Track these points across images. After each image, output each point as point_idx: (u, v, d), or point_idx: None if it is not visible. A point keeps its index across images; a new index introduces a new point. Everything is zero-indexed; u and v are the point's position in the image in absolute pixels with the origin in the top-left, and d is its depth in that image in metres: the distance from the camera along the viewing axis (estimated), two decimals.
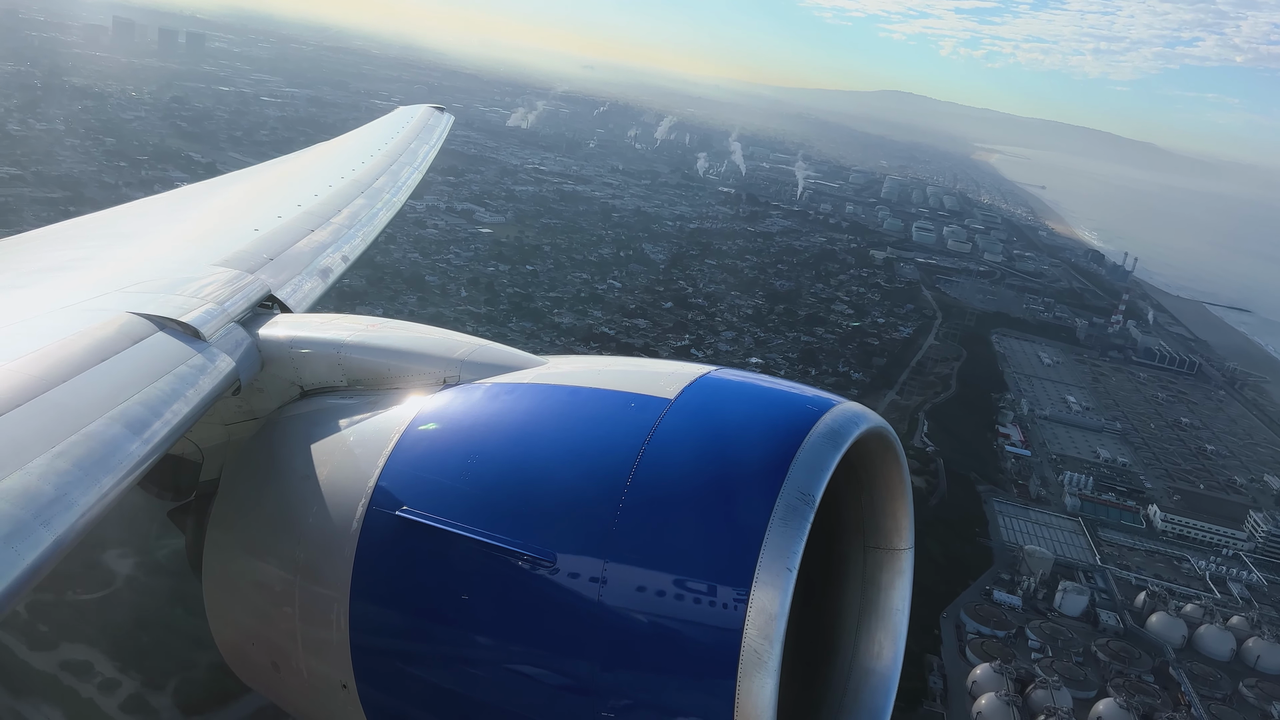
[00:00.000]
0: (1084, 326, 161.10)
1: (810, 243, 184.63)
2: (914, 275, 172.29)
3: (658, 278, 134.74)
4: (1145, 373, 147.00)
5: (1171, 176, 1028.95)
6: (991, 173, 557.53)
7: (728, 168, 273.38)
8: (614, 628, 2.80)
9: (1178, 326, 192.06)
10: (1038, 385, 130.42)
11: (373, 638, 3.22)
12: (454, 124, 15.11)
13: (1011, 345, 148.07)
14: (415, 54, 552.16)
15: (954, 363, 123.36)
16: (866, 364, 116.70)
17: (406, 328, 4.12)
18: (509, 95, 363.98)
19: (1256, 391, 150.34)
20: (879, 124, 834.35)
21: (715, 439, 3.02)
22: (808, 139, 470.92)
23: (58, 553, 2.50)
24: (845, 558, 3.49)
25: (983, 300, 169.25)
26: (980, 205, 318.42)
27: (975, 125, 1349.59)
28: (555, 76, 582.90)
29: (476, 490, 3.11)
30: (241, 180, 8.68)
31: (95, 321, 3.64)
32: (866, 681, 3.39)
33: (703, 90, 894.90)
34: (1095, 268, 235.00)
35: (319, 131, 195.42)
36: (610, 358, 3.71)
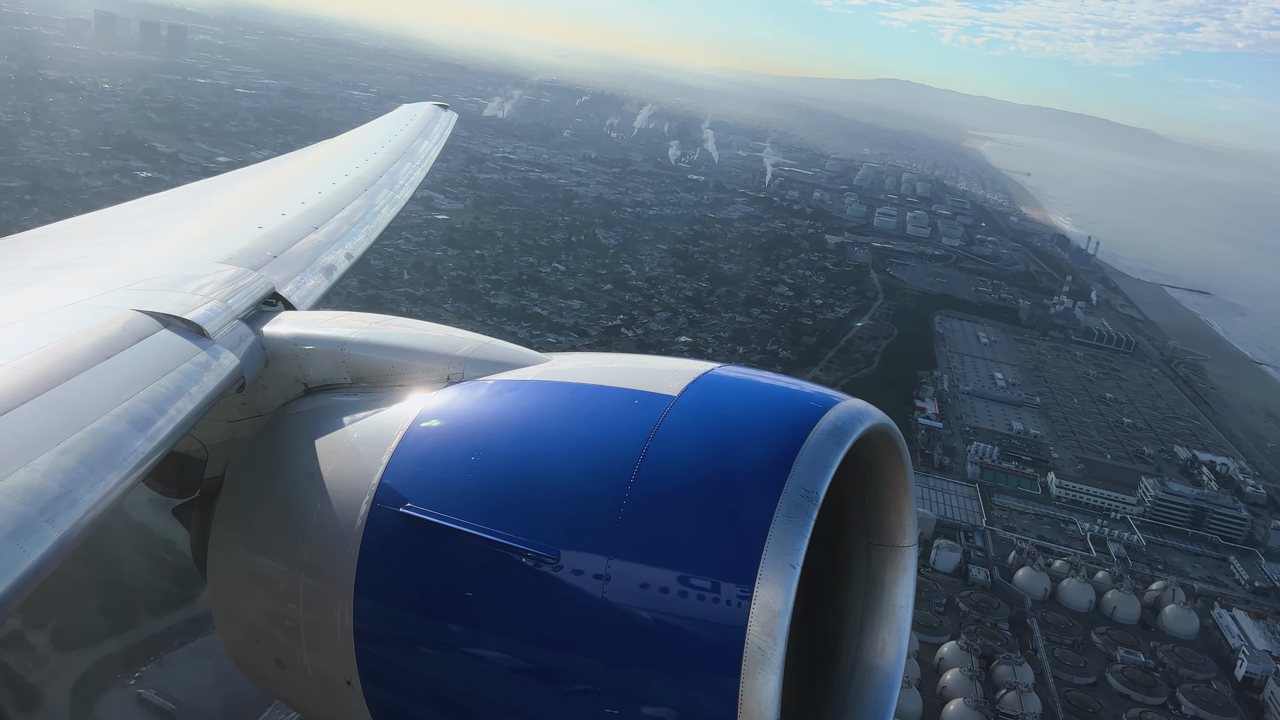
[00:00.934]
0: (1026, 307, 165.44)
1: (768, 228, 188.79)
2: (866, 259, 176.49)
3: (604, 262, 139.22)
4: (1083, 351, 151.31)
5: (1167, 163, 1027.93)
6: (978, 160, 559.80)
7: (700, 156, 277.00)
8: (617, 625, 2.82)
9: (1130, 308, 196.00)
10: (969, 363, 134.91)
11: (377, 634, 3.27)
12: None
13: (953, 325, 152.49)
14: (404, 45, 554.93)
15: (883, 341, 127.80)
16: (796, 343, 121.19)
17: (410, 325, 4.20)
18: (493, 85, 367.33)
19: (1191, 369, 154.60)
20: (873, 112, 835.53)
21: (718, 436, 3.04)
22: (793, 128, 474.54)
23: (63, 549, 2.50)
24: (849, 555, 3.54)
25: (932, 283, 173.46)
26: (954, 192, 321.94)
27: (972, 113, 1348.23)
28: (545, 67, 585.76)
29: (480, 487, 3.14)
30: (245, 178, 8.79)
31: (100, 319, 3.67)
32: (870, 679, 3.43)
33: (696, 80, 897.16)
34: (1058, 252, 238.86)
35: (289, 122, 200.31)
36: (614, 354, 3.77)
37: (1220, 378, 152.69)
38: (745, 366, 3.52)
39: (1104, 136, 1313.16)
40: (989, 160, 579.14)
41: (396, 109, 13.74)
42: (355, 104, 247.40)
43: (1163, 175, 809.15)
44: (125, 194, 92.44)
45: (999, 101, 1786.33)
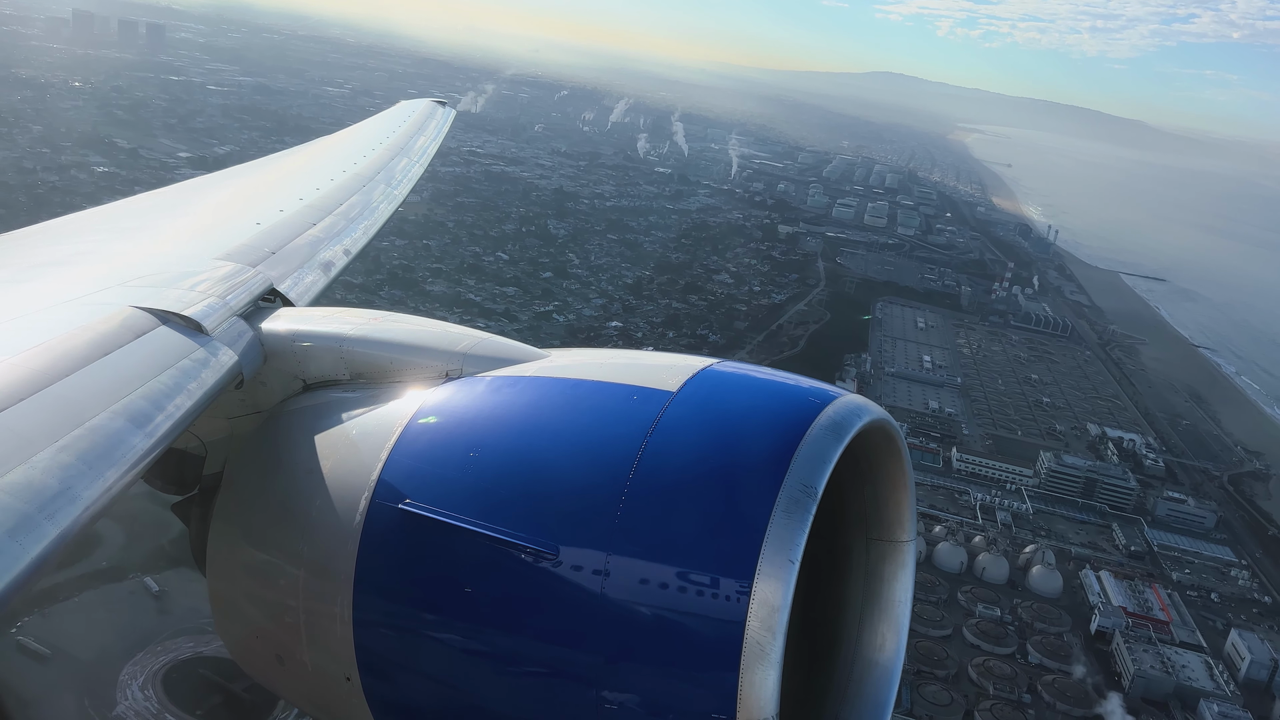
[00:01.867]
0: (968, 293, 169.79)
1: (725, 219, 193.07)
2: (816, 248, 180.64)
3: (549, 251, 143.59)
4: (1019, 335, 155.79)
5: (1156, 154, 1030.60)
6: (961, 152, 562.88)
7: (670, 149, 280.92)
8: (616, 620, 2.83)
9: (1080, 294, 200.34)
10: (901, 346, 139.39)
11: (376, 630, 3.26)
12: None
13: (893, 311, 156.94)
14: (391, 42, 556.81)
15: (813, 325, 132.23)
16: (727, 328, 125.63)
17: (409, 321, 4.18)
18: (472, 81, 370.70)
19: (1125, 352, 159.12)
20: (862, 105, 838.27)
21: (717, 431, 3.03)
22: (775, 121, 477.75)
23: (62, 546, 2.50)
24: (848, 550, 3.54)
25: (880, 271, 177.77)
26: (926, 183, 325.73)
27: (963, 105, 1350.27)
28: (530, 63, 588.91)
29: (479, 483, 3.14)
30: (243, 174, 8.85)
31: (97, 316, 3.65)
32: (869, 673, 3.44)
33: (686, 75, 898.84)
34: (1018, 240, 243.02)
35: (255, 119, 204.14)
36: (613, 350, 3.72)
37: (1154, 360, 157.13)
38: (744, 362, 3.56)
39: (1095, 128, 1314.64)
40: (972, 152, 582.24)
41: (394, 105, 13.89)
42: (327, 100, 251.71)
43: (1150, 166, 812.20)
44: (81, 189, 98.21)
45: (991, 94, 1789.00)
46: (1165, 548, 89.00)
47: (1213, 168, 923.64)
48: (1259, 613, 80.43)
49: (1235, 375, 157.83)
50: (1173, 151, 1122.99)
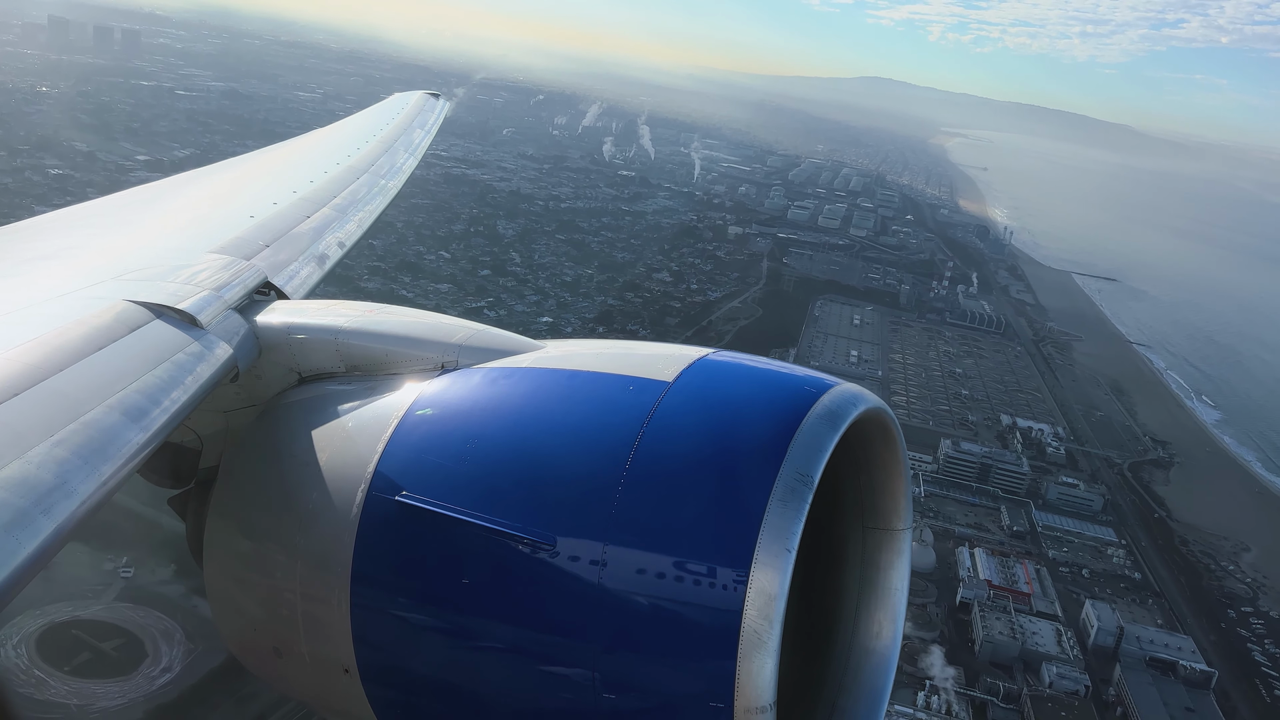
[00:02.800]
0: (907, 291, 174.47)
1: (678, 220, 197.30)
2: (764, 249, 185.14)
3: (493, 250, 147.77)
4: (954, 332, 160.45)
5: (1141, 158, 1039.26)
6: (938, 156, 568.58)
7: (637, 153, 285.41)
8: (614, 610, 2.83)
9: (1027, 293, 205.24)
10: (831, 341, 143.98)
11: (374, 622, 3.26)
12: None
13: (831, 309, 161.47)
14: (374, 47, 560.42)
15: (742, 321, 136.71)
16: (659, 323, 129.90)
17: (404, 313, 4.18)
18: (450, 86, 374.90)
19: (1058, 348, 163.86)
20: (847, 110, 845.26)
21: (713, 421, 3.04)
22: (753, 125, 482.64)
23: (58, 541, 2.50)
24: (844, 538, 3.55)
25: (825, 270, 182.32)
26: (893, 186, 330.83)
27: (950, 110, 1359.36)
28: (513, 67, 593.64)
29: (475, 474, 3.13)
30: (237, 167, 8.86)
31: (92, 310, 3.66)
32: (866, 661, 3.46)
33: (672, 80, 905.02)
34: (974, 241, 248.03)
35: (220, 123, 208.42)
36: (608, 341, 3.73)
37: (1086, 355, 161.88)
38: (740, 352, 3.56)
39: (1081, 132, 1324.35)
40: (950, 156, 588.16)
41: (388, 97, 13.76)
42: (297, 105, 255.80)
43: (1131, 170, 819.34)
44: (31, 190, 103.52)
45: (980, 99, 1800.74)
46: (1049, 528, 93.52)
47: (1194, 171, 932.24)
48: (1125, 587, 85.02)
49: (1164, 370, 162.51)
50: (1157, 156, 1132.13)
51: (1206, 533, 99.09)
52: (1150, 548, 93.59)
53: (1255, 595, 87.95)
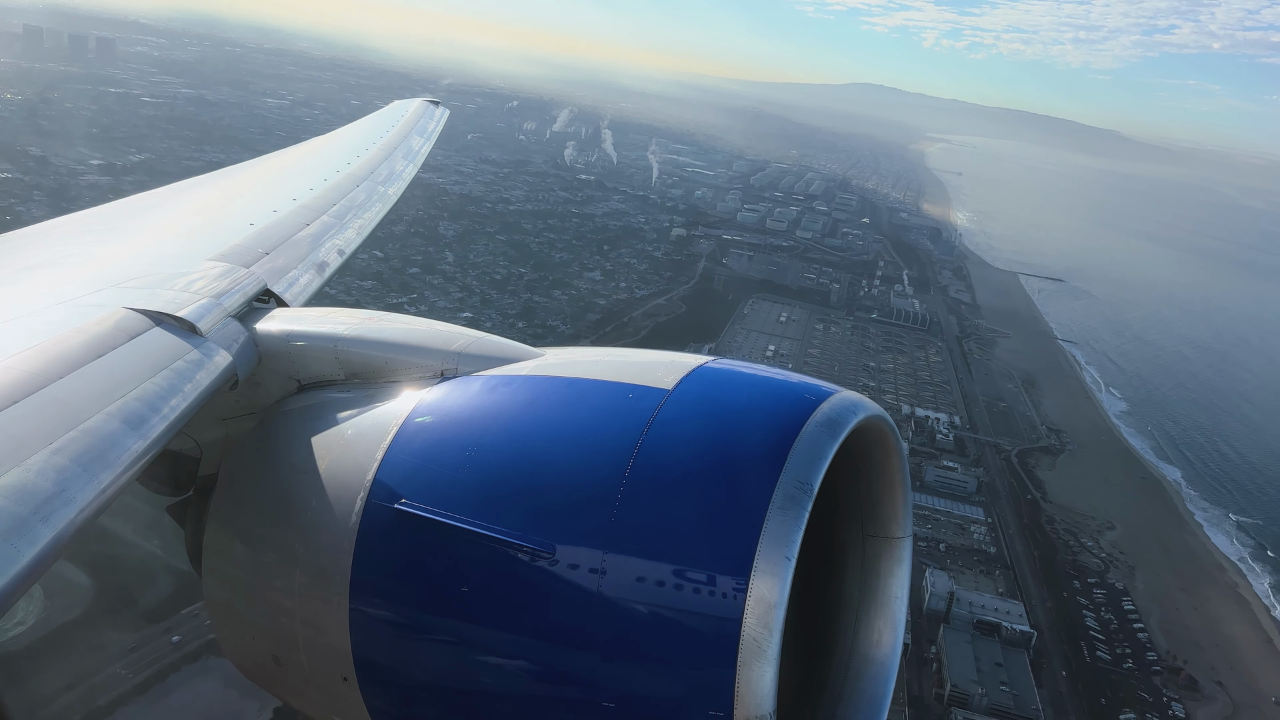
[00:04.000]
0: (837, 290, 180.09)
1: (626, 222, 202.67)
2: (704, 250, 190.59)
3: (427, 250, 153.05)
4: (880, 329, 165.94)
5: (1124, 163, 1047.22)
6: (915, 161, 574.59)
7: (600, 157, 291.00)
8: (613, 618, 2.82)
9: (966, 292, 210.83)
10: (753, 338, 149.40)
11: (373, 630, 3.25)
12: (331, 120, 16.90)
13: (761, 307, 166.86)
14: (357, 55, 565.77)
15: (662, 318, 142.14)
16: (579, 319, 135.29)
17: (404, 320, 4.19)
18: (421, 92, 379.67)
19: (982, 344, 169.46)
20: (832, 116, 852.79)
21: (713, 429, 3.04)
22: (729, 132, 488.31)
23: (57, 549, 2.49)
24: (844, 546, 3.55)
25: (762, 271, 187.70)
26: (857, 190, 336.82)
27: (938, 116, 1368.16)
28: (496, 74, 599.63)
29: (475, 482, 3.13)
30: (236, 175, 8.79)
31: (91, 317, 3.65)
32: (866, 669, 3.45)
33: (658, 87, 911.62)
34: (925, 243, 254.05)
35: (181, 129, 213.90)
36: (608, 349, 3.74)
37: (1009, 351, 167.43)
38: (740, 360, 3.64)
39: (1067, 137, 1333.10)
40: (927, 161, 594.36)
41: (388, 105, 13.90)
42: (263, 111, 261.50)
43: (1111, 174, 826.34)
44: None
45: (969, 105, 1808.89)
46: (920, 508, 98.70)
47: (1177, 176, 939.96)
48: (977, 560, 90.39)
49: (1083, 365, 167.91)
50: (1141, 161, 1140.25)
51: (1076, 513, 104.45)
52: (1015, 526, 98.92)
53: (1105, 569, 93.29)
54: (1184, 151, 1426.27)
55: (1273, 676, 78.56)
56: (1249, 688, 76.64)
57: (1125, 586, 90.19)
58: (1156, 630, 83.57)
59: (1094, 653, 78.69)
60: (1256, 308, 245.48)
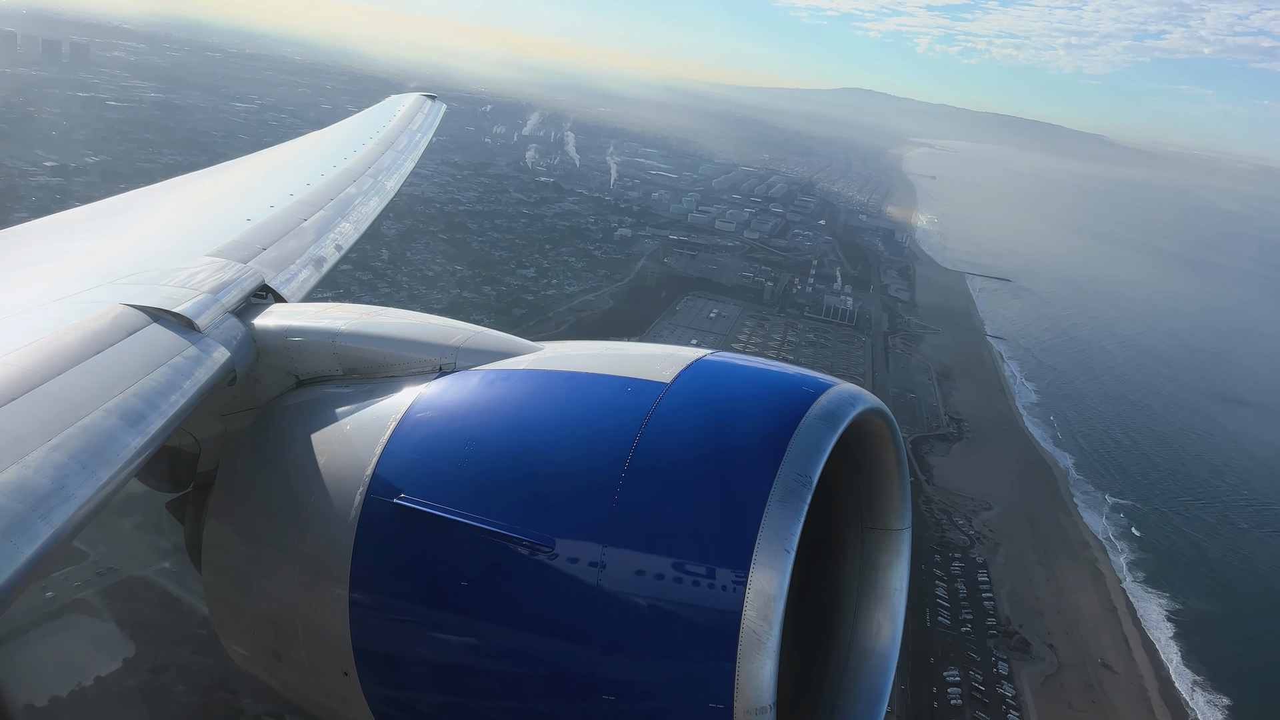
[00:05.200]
0: (770, 288, 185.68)
1: (575, 223, 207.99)
2: (647, 249, 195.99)
3: (364, 247, 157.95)
4: (809, 325, 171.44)
5: (1108, 168, 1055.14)
6: (891, 165, 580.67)
7: (562, 160, 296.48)
8: (613, 612, 2.82)
9: (906, 290, 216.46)
10: (678, 331, 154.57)
11: (373, 625, 3.24)
12: (297, 124, 20.78)
13: (694, 304, 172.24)
14: (340, 60, 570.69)
15: (586, 313, 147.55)
16: (505, 313, 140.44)
17: (402, 315, 4.21)
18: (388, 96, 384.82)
19: (908, 340, 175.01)
20: (817, 120, 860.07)
21: (712, 422, 3.06)
22: (704, 136, 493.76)
23: (56, 546, 2.48)
24: (843, 538, 3.59)
25: (702, 270, 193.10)
26: (817, 193, 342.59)
27: (924, 120, 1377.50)
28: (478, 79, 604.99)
29: (474, 477, 3.13)
30: (234, 170, 8.76)
31: (89, 314, 3.64)
32: (866, 661, 3.49)
33: (644, 91, 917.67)
34: (876, 244, 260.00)
35: (142, 132, 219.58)
36: (607, 342, 3.75)
37: (933, 346, 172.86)
38: (739, 353, 3.62)
39: (1053, 142, 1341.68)
40: (903, 165, 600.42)
41: (384, 100, 13.73)
42: (229, 115, 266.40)
43: (1091, 178, 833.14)
44: None
45: (957, 109, 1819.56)
46: None
47: (1158, 180, 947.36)
48: None
49: (1005, 359, 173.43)
50: (1125, 165, 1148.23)
51: (957, 495, 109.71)
52: None
53: (971, 545, 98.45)
54: (1169, 156, 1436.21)
55: (1105, 641, 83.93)
56: (1080, 650, 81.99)
57: (985, 561, 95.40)
58: (1004, 600, 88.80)
59: (935, 619, 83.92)
60: (1193, 305, 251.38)
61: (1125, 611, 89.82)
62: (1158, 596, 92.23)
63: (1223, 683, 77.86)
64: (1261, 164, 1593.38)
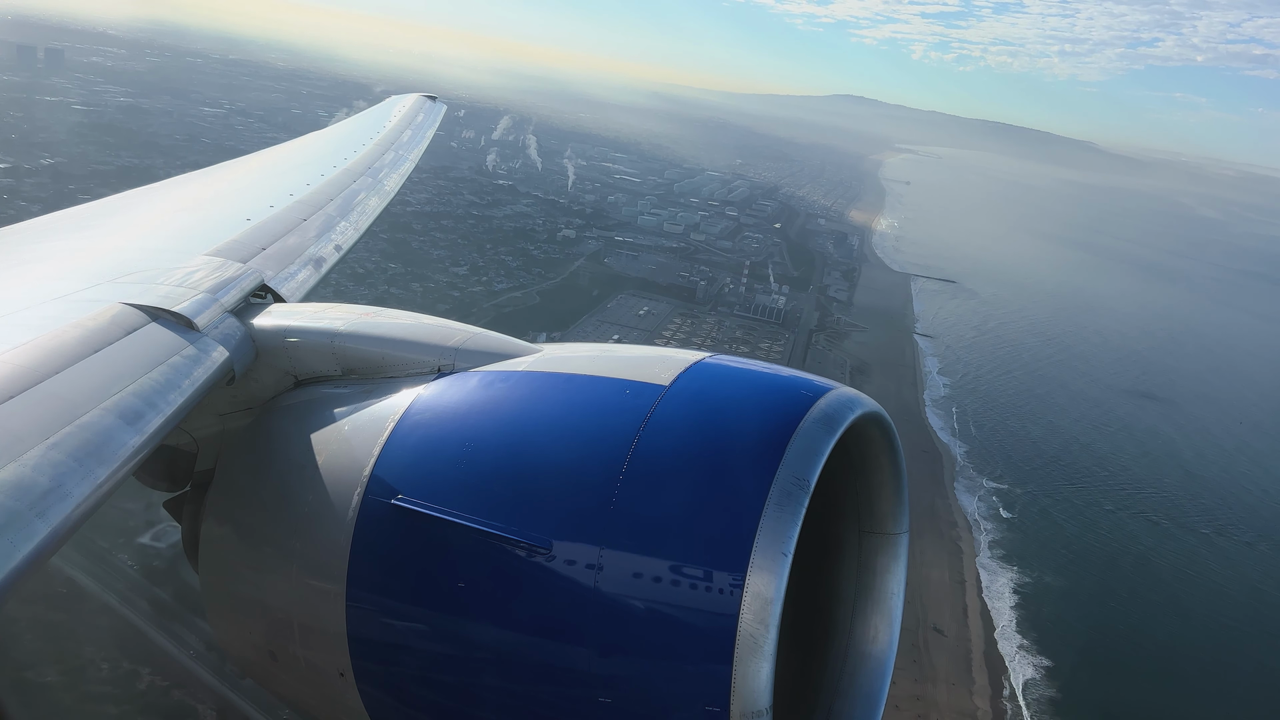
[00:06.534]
0: (703, 287, 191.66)
1: (523, 224, 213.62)
2: (588, 250, 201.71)
3: None
4: (737, 322, 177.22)
5: (1093, 174, 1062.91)
6: (868, 171, 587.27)
7: (524, 164, 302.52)
8: (610, 614, 2.84)
9: (845, 291, 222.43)
10: (604, 327, 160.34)
11: (369, 626, 3.26)
12: (264, 129, 21.63)
13: (628, 302, 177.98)
14: (324, 66, 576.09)
15: (509, 309, 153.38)
16: (430, 309, 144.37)
17: (401, 316, 4.24)
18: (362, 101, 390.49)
19: (833, 337, 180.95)
20: (803, 127, 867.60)
21: (710, 425, 3.08)
22: (679, 142, 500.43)
23: (53, 544, 2.49)
24: (840, 542, 3.63)
25: (642, 270, 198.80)
26: (780, 197, 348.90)
27: (913, 127, 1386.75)
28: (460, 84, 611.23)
29: (472, 478, 3.16)
30: (233, 170, 8.74)
31: (88, 312, 3.65)
32: (863, 665, 3.54)
33: (630, 97, 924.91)
34: (828, 247, 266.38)
35: (102, 135, 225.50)
36: (606, 345, 3.89)
37: (857, 344, 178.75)
38: (737, 356, 3.72)
39: (1041, 149, 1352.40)
40: (880, 171, 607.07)
41: (384, 100, 13.76)
42: (194, 119, 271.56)
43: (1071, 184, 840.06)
44: None
45: (946, 116, 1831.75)
46: None
47: (1140, 186, 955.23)
48: None
49: (925, 355, 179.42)
50: (1110, 171, 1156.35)
51: None
52: None
53: None
54: (1156, 163, 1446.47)
55: (944, 609, 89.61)
56: (916, 617, 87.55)
57: None
58: None
59: None
60: (1131, 307, 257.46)
61: (973, 584, 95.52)
62: (1009, 571, 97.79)
63: (1047, 646, 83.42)
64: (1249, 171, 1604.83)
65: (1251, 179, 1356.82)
